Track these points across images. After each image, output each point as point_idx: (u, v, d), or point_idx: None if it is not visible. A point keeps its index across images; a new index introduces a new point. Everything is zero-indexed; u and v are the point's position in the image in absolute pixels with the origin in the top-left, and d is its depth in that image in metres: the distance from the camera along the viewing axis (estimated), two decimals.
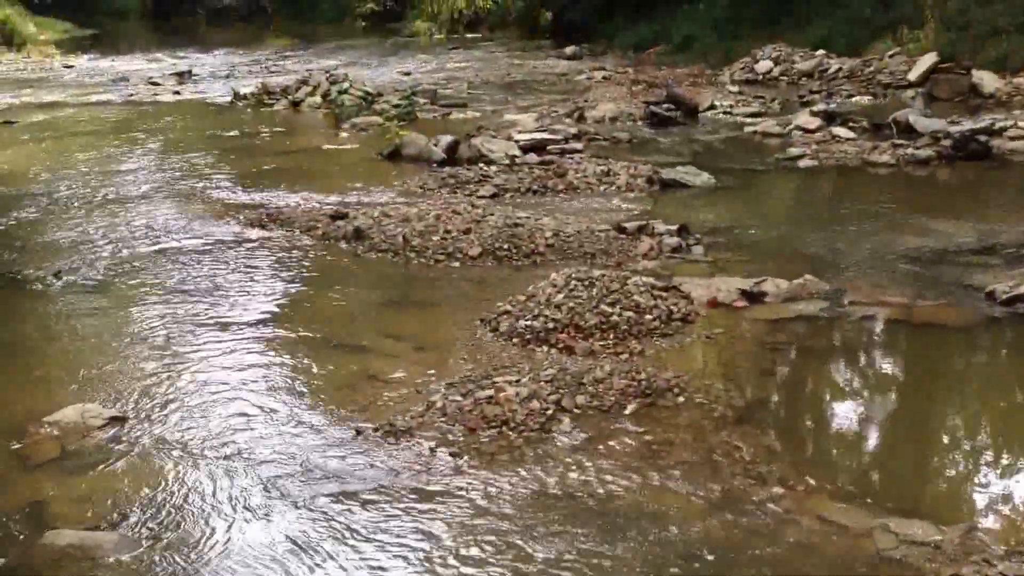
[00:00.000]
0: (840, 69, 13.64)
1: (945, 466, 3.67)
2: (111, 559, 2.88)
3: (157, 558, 2.90)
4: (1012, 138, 8.56)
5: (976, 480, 3.51)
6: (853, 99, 11.87)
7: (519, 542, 2.95)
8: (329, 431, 3.68)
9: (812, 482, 3.29)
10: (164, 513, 3.14)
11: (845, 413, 4.10)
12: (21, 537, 3.02)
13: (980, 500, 3.36)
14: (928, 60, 12.28)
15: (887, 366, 4.63)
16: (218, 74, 17.55)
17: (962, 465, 3.66)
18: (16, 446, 3.60)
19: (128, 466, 3.45)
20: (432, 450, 3.50)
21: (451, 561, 2.88)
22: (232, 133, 11.05)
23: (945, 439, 3.89)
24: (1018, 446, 3.81)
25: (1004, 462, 3.65)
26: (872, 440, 3.91)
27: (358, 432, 3.64)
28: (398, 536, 3.00)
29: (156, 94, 14.87)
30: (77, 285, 5.55)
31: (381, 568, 2.85)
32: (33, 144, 10.43)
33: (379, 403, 3.87)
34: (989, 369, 4.59)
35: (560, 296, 4.64)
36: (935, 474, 3.61)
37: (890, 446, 3.84)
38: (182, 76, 16.96)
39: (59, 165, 9.15)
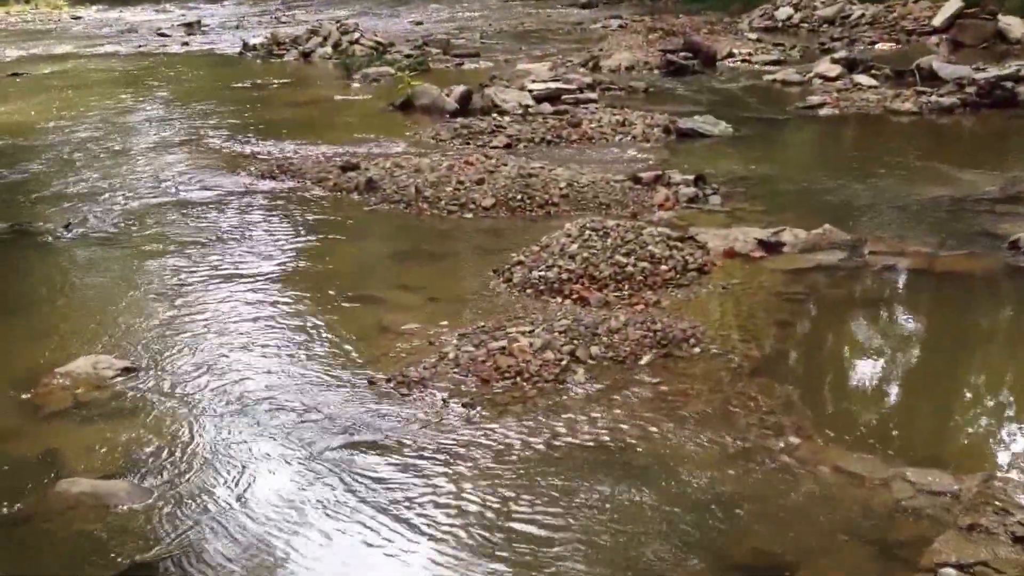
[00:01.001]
0: (863, 15, 13.32)
1: (964, 417, 3.62)
2: (124, 507, 2.89)
3: (169, 506, 2.90)
4: None
5: (996, 430, 3.46)
6: (876, 46, 11.61)
7: (532, 492, 2.93)
8: (342, 382, 3.66)
9: (829, 432, 3.25)
10: (176, 462, 3.14)
11: (863, 364, 4.04)
12: (36, 485, 3.03)
13: (999, 450, 3.31)
14: (953, 5, 11.97)
15: (907, 317, 4.55)
16: (227, 25, 17.38)
17: (982, 415, 3.60)
18: (29, 396, 3.61)
19: (140, 416, 3.45)
20: (445, 401, 3.47)
21: (463, 510, 2.86)
22: (242, 84, 10.95)
23: (965, 390, 3.83)
24: None
25: None
26: (891, 391, 3.86)
27: (371, 383, 3.62)
28: (409, 486, 2.99)
29: (165, 45, 14.74)
30: (87, 237, 5.54)
31: (392, 517, 2.84)
32: (42, 96, 10.38)
33: (392, 354, 3.84)
34: (1012, 319, 4.51)
35: (574, 246, 4.57)
36: (954, 424, 3.56)
37: (909, 397, 3.78)
38: (191, 27, 16.82)
39: (68, 117, 9.11)
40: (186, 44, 14.85)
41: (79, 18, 19.60)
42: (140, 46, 14.63)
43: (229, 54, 13.65)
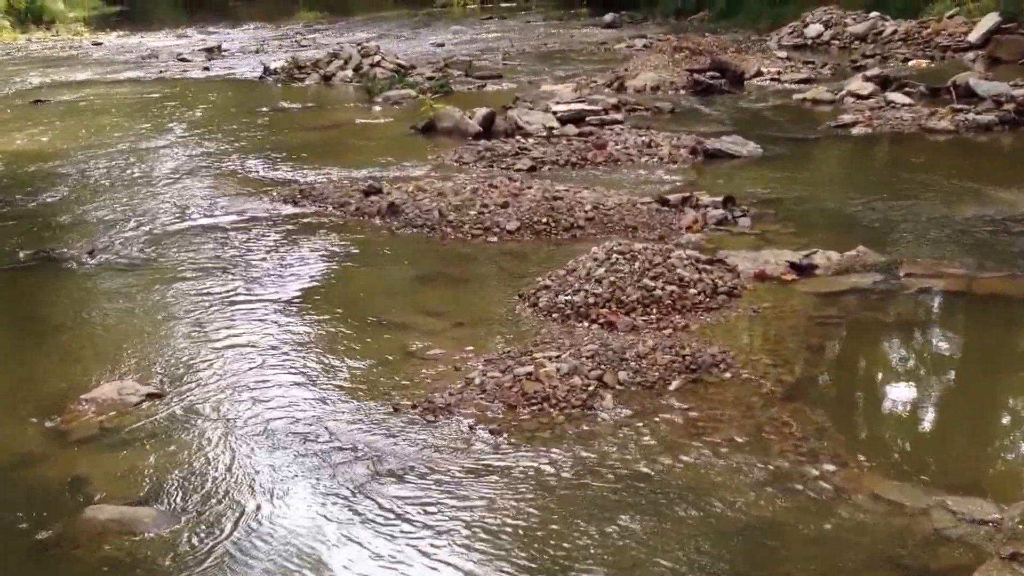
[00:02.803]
0: (895, 31, 13.20)
1: (1006, 443, 3.52)
2: (151, 534, 2.88)
3: (196, 533, 2.88)
4: None
5: None
6: (909, 63, 11.49)
7: (562, 521, 2.87)
8: (367, 408, 3.62)
9: (865, 459, 3.16)
10: (202, 488, 3.12)
11: (900, 389, 3.94)
12: (63, 512, 3.02)
13: None
14: (990, 20, 11.82)
15: (945, 340, 4.43)
16: (248, 49, 17.56)
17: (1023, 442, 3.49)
18: (55, 423, 3.61)
19: (166, 442, 3.43)
20: (471, 427, 3.42)
21: (492, 539, 2.80)
22: (263, 109, 11.03)
23: (1006, 416, 3.73)
24: None
25: None
26: (928, 417, 3.76)
27: (396, 409, 3.57)
28: (437, 515, 2.93)
29: (186, 70, 14.89)
30: (111, 263, 5.55)
31: (420, 547, 2.79)
32: (64, 123, 10.50)
33: (417, 380, 3.80)
34: None
35: (601, 270, 4.52)
36: (995, 452, 3.45)
37: (947, 423, 3.68)
38: (211, 52, 16.98)
39: (90, 143, 9.20)
40: (207, 69, 14.99)
41: (100, 44, 19.86)
42: (161, 72, 14.78)
43: (250, 78, 13.75)
